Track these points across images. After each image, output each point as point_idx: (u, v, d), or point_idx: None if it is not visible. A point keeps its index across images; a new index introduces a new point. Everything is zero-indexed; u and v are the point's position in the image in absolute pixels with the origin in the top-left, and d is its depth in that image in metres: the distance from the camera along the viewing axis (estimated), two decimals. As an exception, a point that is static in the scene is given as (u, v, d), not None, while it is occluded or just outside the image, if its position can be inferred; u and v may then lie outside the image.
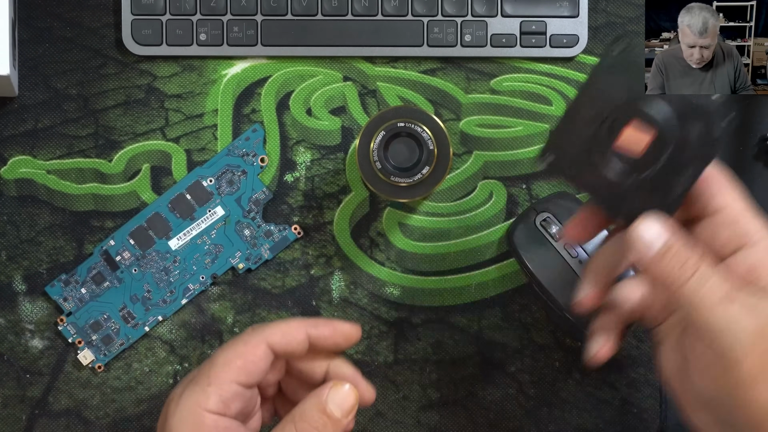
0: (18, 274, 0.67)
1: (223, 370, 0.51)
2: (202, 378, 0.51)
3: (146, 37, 0.67)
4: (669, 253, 0.47)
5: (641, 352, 0.68)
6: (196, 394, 0.50)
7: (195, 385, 0.51)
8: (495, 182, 0.69)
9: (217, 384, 0.50)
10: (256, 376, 0.52)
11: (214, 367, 0.51)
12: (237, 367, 0.51)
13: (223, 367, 0.51)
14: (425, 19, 0.68)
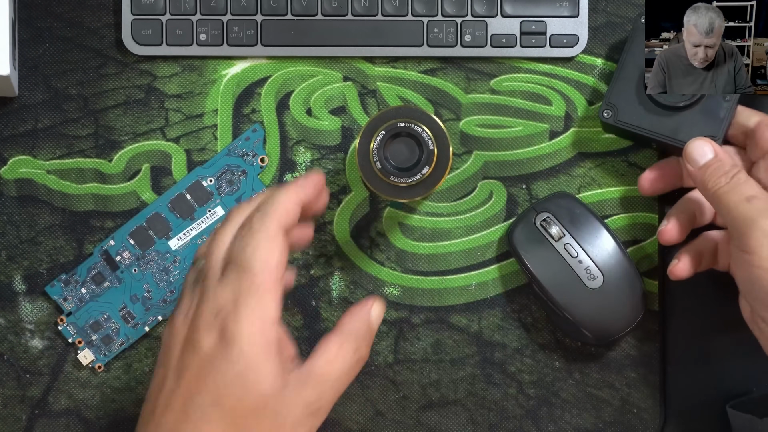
0: (18, 274, 0.67)
1: (267, 272, 0.50)
2: (250, 289, 0.50)
3: (146, 37, 0.67)
4: (712, 165, 0.60)
5: (641, 352, 0.68)
6: (256, 308, 0.49)
7: (248, 299, 0.49)
8: (495, 182, 0.69)
9: (269, 289, 0.50)
10: (285, 265, 0.52)
11: (257, 274, 0.50)
12: (276, 264, 0.51)
13: (266, 269, 0.50)
14: (425, 19, 0.68)
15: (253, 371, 0.49)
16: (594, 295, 0.64)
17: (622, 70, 0.65)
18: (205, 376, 0.49)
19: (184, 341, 0.51)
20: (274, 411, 0.49)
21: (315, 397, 0.51)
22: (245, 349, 0.49)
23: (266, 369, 0.49)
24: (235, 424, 0.49)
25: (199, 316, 0.50)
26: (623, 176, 0.69)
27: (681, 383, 0.68)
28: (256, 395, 0.49)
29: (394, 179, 0.60)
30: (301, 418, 0.50)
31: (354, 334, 0.52)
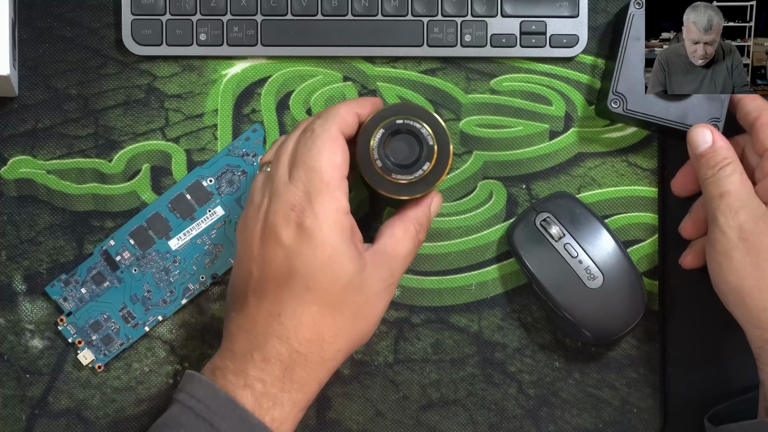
0: (18, 274, 0.67)
1: (334, 170, 0.56)
2: (320, 186, 0.55)
3: (146, 37, 0.67)
4: (706, 155, 0.61)
5: (641, 352, 0.68)
6: (330, 202, 0.55)
7: (321, 196, 0.55)
8: (495, 182, 0.69)
9: (338, 185, 0.56)
10: (347, 165, 0.57)
11: (324, 172, 0.55)
12: (340, 163, 0.56)
13: (332, 167, 0.55)
14: (425, 19, 0.68)
15: (338, 256, 0.55)
16: (594, 295, 0.64)
17: (624, 59, 0.65)
18: (293, 264, 0.55)
19: (262, 235, 0.56)
20: (360, 287, 0.56)
21: (389, 273, 0.58)
22: (327, 239, 0.55)
23: (348, 253, 0.55)
24: (329, 303, 0.55)
25: (275, 213, 0.56)
26: (623, 176, 0.69)
27: (681, 383, 0.68)
28: (343, 276, 0.55)
29: (395, 176, 0.60)
30: (379, 292, 0.57)
31: (415, 220, 0.60)
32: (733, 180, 0.60)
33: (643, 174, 0.69)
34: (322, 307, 0.55)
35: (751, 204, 0.60)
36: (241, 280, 0.58)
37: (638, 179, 0.69)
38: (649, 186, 0.69)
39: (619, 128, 0.69)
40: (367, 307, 0.57)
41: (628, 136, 0.69)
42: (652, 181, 0.69)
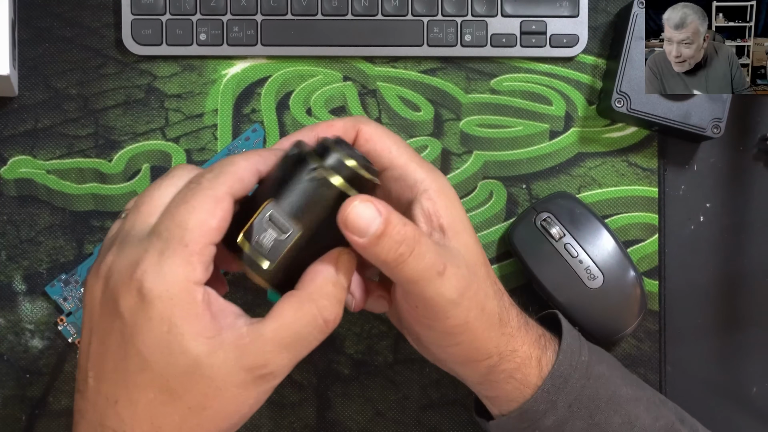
0: (18, 274, 0.67)
1: (201, 234, 0.46)
2: (177, 247, 0.45)
3: (146, 37, 0.67)
4: (384, 237, 0.48)
5: (641, 352, 0.68)
6: (180, 267, 0.45)
7: (174, 258, 0.45)
8: (495, 182, 0.69)
9: (199, 251, 0.46)
10: (222, 233, 0.47)
11: (189, 232, 0.46)
12: (212, 228, 0.46)
13: (200, 230, 0.46)
14: (425, 18, 0.68)
15: (177, 334, 0.45)
16: (594, 295, 0.64)
17: (627, 59, 0.65)
18: (129, 340, 0.46)
19: (101, 300, 0.47)
20: (208, 375, 0.46)
21: (261, 361, 0.46)
22: (166, 312, 0.45)
23: (192, 331, 0.45)
24: (168, 388, 0.46)
25: (118, 272, 0.46)
26: (623, 176, 0.69)
27: (680, 383, 0.68)
28: (182, 358, 0.45)
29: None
30: (244, 383, 0.46)
31: (317, 294, 0.48)
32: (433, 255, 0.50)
33: (643, 174, 0.69)
34: (160, 393, 0.46)
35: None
36: (83, 352, 0.48)
37: (638, 179, 0.69)
38: (649, 186, 0.69)
39: (620, 128, 0.69)
40: (220, 400, 0.46)
41: (628, 136, 0.69)
42: (653, 181, 0.69)
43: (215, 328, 0.46)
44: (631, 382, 0.58)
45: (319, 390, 0.68)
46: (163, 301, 0.45)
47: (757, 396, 0.69)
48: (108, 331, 0.46)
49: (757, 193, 0.69)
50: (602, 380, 0.56)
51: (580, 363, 0.56)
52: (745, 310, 0.69)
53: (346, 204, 0.47)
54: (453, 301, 0.50)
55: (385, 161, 0.53)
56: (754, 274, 0.69)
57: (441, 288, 0.50)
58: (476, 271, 0.52)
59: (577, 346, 0.57)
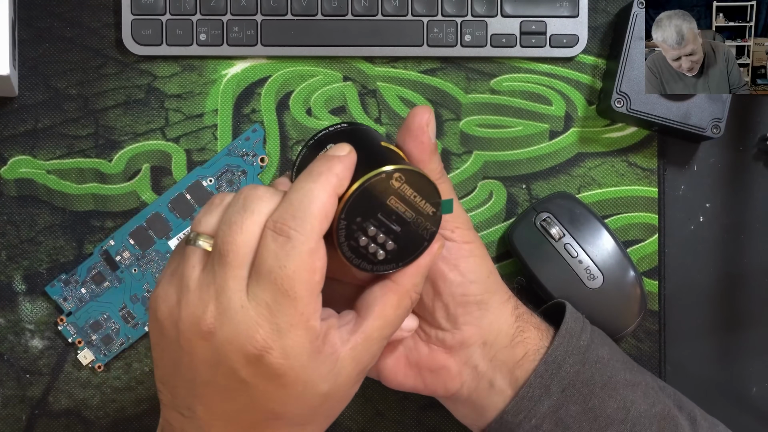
0: (18, 274, 0.67)
1: (310, 297, 0.45)
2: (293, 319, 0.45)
3: (146, 37, 0.67)
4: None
5: (640, 352, 0.68)
6: (303, 338, 0.45)
7: (294, 330, 0.45)
8: (495, 182, 0.69)
9: (312, 312, 0.45)
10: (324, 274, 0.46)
11: (300, 300, 0.45)
12: (317, 283, 0.45)
13: (310, 294, 0.45)
14: (425, 19, 0.68)
15: (311, 387, 0.46)
16: (594, 295, 0.64)
17: (627, 59, 0.65)
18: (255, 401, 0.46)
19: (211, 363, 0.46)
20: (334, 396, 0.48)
21: (371, 359, 0.49)
22: (300, 376, 0.46)
23: (320, 376, 0.46)
24: (299, 423, 0.48)
25: (228, 343, 0.45)
26: (623, 176, 0.69)
27: (680, 383, 0.68)
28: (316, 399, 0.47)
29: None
30: (358, 381, 0.49)
31: (413, 287, 0.50)
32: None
33: (643, 174, 0.69)
34: (292, 427, 0.48)
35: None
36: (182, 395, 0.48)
37: (638, 179, 0.69)
38: (649, 186, 0.69)
39: (619, 128, 0.69)
40: (339, 405, 0.50)
41: (628, 136, 0.69)
42: (652, 181, 0.69)
43: (333, 360, 0.47)
44: (630, 368, 0.59)
45: (319, 390, 0.67)
46: (296, 371, 0.45)
47: (757, 396, 0.68)
48: (226, 394, 0.46)
49: (756, 193, 0.69)
50: (600, 365, 0.56)
51: (577, 347, 0.56)
52: (745, 310, 0.69)
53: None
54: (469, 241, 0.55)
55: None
56: (754, 274, 0.69)
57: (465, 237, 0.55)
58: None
59: (578, 329, 0.57)
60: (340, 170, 0.46)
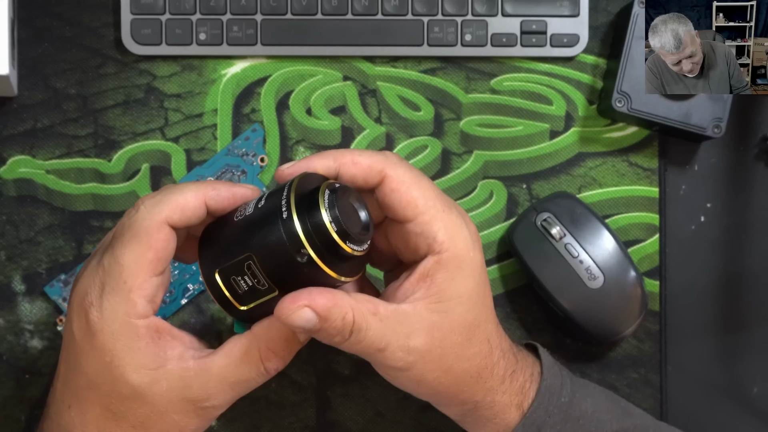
0: (17, 274, 0.67)
1: (138, 269, 0.48)
2: (117, 284, 0.48)
3: (146, 37, 0.67)
4: (320, 333, 0.49)
5: (641, 352, 0.68)
6: (120, 304, 0.48)
7: (113, 294, 0.48)
8: (495, 182, 0.69)
9: (138, 286, 0.48)
10: (167, 260, 0.49)
11: (126, 268, 0.48)
12: (149, 261, 0.48)
13: (136, 265, 0.48)
14: (425, 18, 0.67)
15: (119, 365, 0.48)
16: (594, 295, 0.64)
17: (628, 58, 0.65)
18: (78, 360, 0.49)
19: (68, 311, 0.51)
20: (150, 401, 0.49)
21: (204, 395, 0.49)
22: (108, 344, 0.48)
23: (133, 363, 0.48)
24: (111, 409, 0.49)
25: (75, 293, 0.50)
26: (624, 176, 0.69)
27: (681, 383, 0.68)
28: (125, 386, 0.48)
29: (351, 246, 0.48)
30: (185, 411, 0.49)
31: (266, 344, 0.50)
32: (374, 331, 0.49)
33: (643, 174, 0.69)
34: (105, 411, 0.49)
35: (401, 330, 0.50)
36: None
37: (639, 179, 0.69)
38: (649, 186, 0.69)
39: (620, 128, 0.69)
40: (162, 423, 0.49)
41: (628, 135, 0.69)
42: (653, 181, 0.69)
43: (159, 360, 0.49)
44: (618, 416, 0.57)
45: (319, 390, 0.67)
46: (105, 335, 0.48)
47: (758, 396, 0.68)
48: (67, 343, 0.50)
49: (757, 192, 0.69)
50: (583, 421, 0.55)
51: (558, 406, 0.55)
52: (745, 310, 0.69)
53: (282, 306, 0.47)
54: (400, 368, 0.51)
55: (409, 215, 0.51)
56: (755, 274, 0.69)
57: (384, 361, 0.50)
58: (453, 337, 0.51)
59: (558, 385, 0.55)
60: (222, 187, 0.50)
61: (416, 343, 0.50)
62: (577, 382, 0.57)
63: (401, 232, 0.52)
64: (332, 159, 0.51)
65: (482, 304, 0.53)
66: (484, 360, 0.53)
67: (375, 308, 0.49)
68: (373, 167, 0.50)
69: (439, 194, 0.52)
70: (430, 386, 0.52)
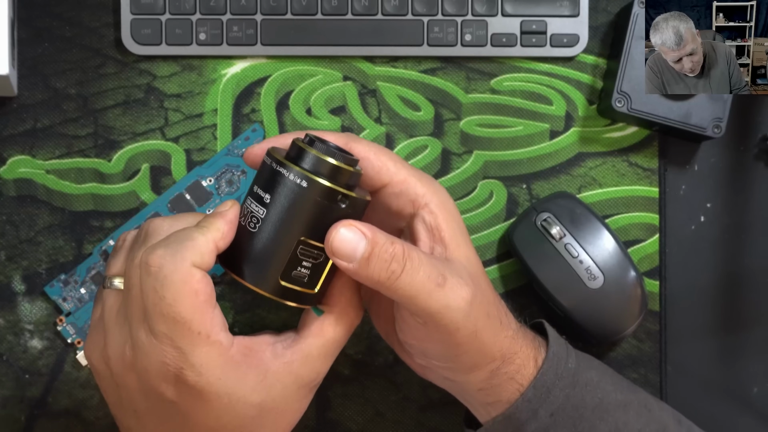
0: (17, 274, 0.67)
1: (201, 316, 0.48)
2: (192, 339, 0.48)
3: (146, 37, 0.67)
4: (372, 258, 0.49)
5: (641, 352, 0.68)
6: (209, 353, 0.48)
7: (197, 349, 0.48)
8: (495, 182, 0.69)
9: (210, 328, 0.49)
10: (214, 294, 0.50)
11: (192, 321, 0.48)
12: (203, 302, 0.49)
13: (197, 313, 0.48)
14: (425, 18, 0.67)
15: (236, 400, 0.50)
16: (594, 295, 0.64)
17: (628, 58, 0.65)
18: (190, 418, 0.50)
19: (142, 390, 0.50)
20: (272, 408, 0.51)
21: (314, 376, 0.52)
22: (221, 390, 0.49)
23: (245, 389, 0.50)
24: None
25: (146, 372, 0.49)
26: (624, 176, 0.69)
27: (681, 383, 0.68)
28: (252, 408, 0.50)
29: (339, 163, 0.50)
30: (303, 396, 0.52)
31: (349, 308, 0.53)
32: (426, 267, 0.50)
33: (643, 174, 0.69)
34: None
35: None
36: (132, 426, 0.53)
37: (639, 179, 0.69)
38: (649, 186, 0.69)
39: (620, 128, 0.69)
40: (286, 418, 0.52)
41: (628, 135, 0.69)
42: (653, 181, 0.69)
43: (262, 371, 0.50)
44: (622, 388, 0.58)
45: (319, 390, 0.67)
46: (213, 385, 0.49)
47: (758, 396, 0.68)
48: (162, 415, 0.51)
49: (757, 192, 0.69)
50: (590, 387, 0.56)
51: (566, 370, 0.55)
52: (745, 310, 0.69)
53: (330, 232, 0.49)
54: (461, 310, 0.51)
55: (384, 178, 0.53)
56: (755, 274, 0.69)
57: (445, 299, 0.50)
58: (478, 280, 0.53)
59: (564, 353, 0.56)
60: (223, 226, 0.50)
61: (467, 280, 0.51)
62: (581, 355, 0.58)
63: (383, 202, 0.54)
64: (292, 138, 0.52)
65: (473, 250, 0.55)
66: (500, 306, 0.55)
67: (417, 248, 0.51)
68: (337, 141, 0.52)
69: (406, 162, 0.54)
70: (479, 338, 0.52)
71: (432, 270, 0.50)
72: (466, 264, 0.53)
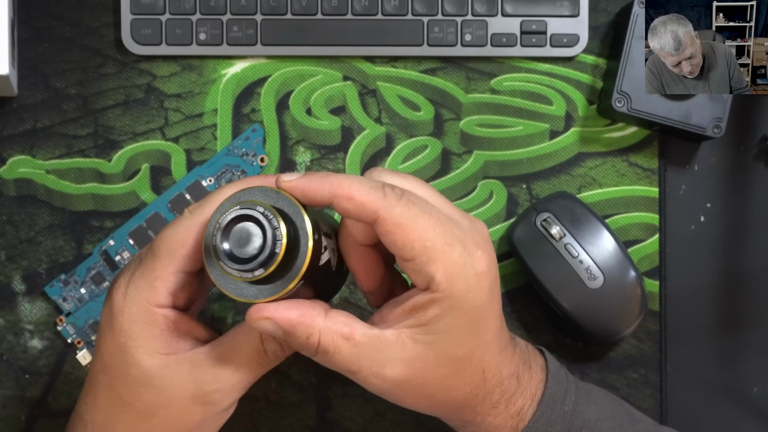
0: (17, 274, 0.67)
1: (167, 260, 0.49)
2: (146, 271, 0.50)
3: (146, 37, 0.67)
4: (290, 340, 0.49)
5: (641, 352, 0.68)
6: (143, 289, 0.49)
7: (141, 279, 0.50)
8: (495, 182, 0.69)
9: (164, 277, 0.49)
10: (198, 263, 0.50)
11: (158, 258, 0.49)
12: (181, 256, 0.49)
13: (167, 257, 0.49)
14: (425, 18, 0.67)
15: (131, 347, 0.50)
16: (594, 295, 0.64)
17: (628, 58, 0.65)
18: (98, 344, 0.52)
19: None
20: (159, 387, 0.50)
21: (212, 386, 0.50)
22: (125, 326, 0.50)
23: (146, 346, 0.50)
24: (120, 393, 0.51)
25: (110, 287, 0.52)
26: (624, 176, 0.69)
27: (681, 383, 0.68)
28: (135, 369, 0.50)
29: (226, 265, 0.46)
30: (192, 397, 0.50)
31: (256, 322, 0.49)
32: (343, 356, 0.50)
33: (643, 174, 0.69)
34: (114, 395, 0.51)
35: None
36: None
37: (639, 179, 0.69)
38: (649, 186, 0.69)
39: (620, 128, 0.69)
40: (170, 410, 0.50)
41: (628, 135, 0.69)
42: (653, 181, 0.69)
43: (172, 347, 0.50)
44: (620, 423, 0.56)
45: (319, 390, 0.67)
46: (124, 316, 0.50)
47: (758, 396, 0.68)
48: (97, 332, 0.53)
49: (757, 193, 0.69)
50: (586, 429, 0.54)
51: (561, 415, 0.54)
52: (745, 310, 0.69)
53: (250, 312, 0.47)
54: (374, 392, 0.51)
55: (406, 256, 0.48)
56: (755, 274, 0.69)
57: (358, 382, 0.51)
58: (438, 370, 0.50)
59: (562, 393, 0.54)
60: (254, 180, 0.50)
61: (392, 373, 0.50)
62: (581, 389, 0.56)
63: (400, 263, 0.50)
64: (329, 187, 0.48)
65: (478, 338, 0.50)
66: (476, 389, 0.51)
67: (350, 333, 0.49)
68: (367, 207, 0.47)
69: (443, 229, 0.48)
70: (411, 407, 0.52)
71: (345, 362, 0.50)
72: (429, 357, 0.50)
